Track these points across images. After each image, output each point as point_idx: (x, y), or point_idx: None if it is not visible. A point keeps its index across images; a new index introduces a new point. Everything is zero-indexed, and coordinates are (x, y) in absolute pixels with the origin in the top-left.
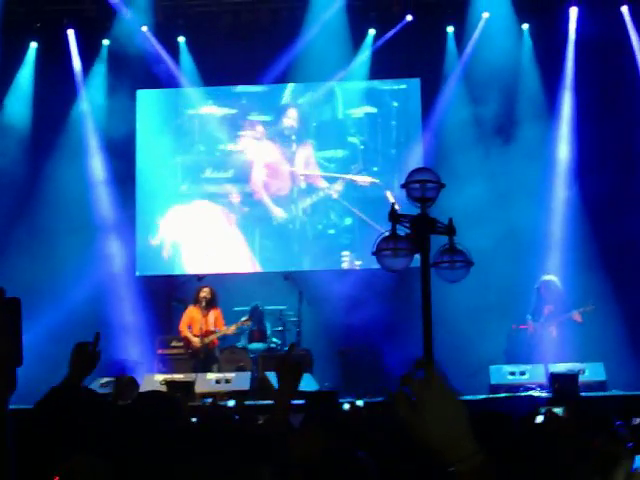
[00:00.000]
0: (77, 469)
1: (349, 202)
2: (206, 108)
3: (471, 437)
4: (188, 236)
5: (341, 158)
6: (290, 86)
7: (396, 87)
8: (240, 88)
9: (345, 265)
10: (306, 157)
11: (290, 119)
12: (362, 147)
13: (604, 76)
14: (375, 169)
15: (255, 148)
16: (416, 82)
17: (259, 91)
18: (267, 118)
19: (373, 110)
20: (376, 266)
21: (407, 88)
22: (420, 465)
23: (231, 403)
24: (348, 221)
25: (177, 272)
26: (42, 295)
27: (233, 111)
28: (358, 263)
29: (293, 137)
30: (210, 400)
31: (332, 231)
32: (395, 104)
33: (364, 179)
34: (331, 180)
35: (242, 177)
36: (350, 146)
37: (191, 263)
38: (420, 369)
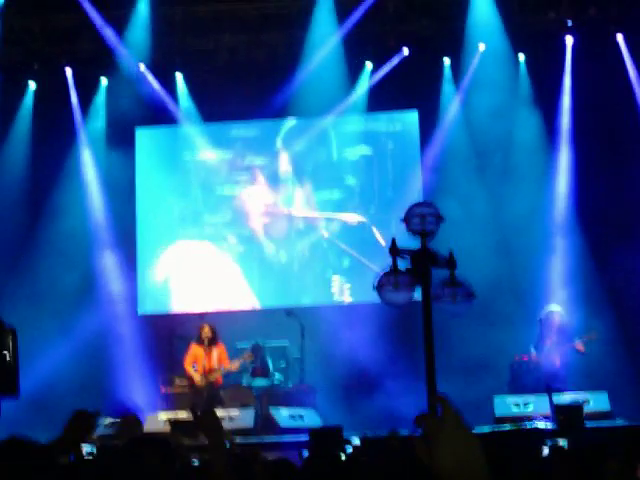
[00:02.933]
0: None
1: (341, 241)
2: (202, 154)
3: (488, 473)
4: (189, 275)
5: (337, 200)
6: (285, 127)
7: (392, 129)
8: (235, 132)
9: (337, 296)
10: (306, 196)
11: (285, 162)
12: (358, 189)
13: (602, 103)
14: (372, 211)
15: (251, 191)
16: (414, 115)
17: (254, 135)
18: (263, 161)
19: (368, 152)
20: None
21: (403, 129)
22: None
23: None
24: (345, 263)
25: (178, 311)
26: (44, 337)
27: (229, 155)
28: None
29: (289, 179)
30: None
31: (330, 273)
32: (391, 146)
33: (351, 218)
34: (327, 220)
35: (239, 220)
36: (346, 188)
37: (192, 301)
38: (437, 406)
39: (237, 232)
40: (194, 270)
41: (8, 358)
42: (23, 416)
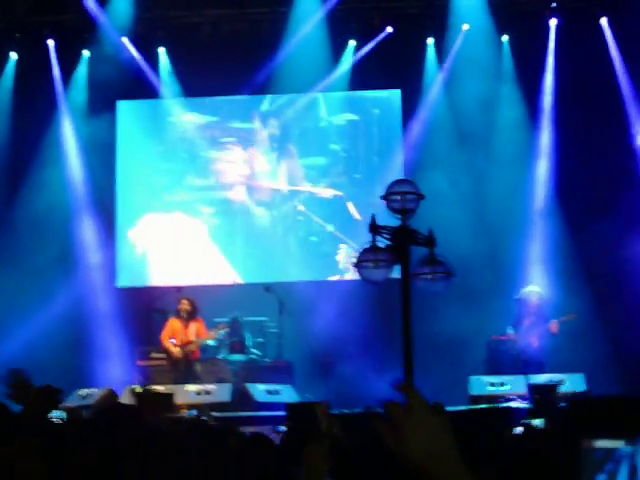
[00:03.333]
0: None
1: (313, 213)
2: (187, 116)
3: (459, 458)
4: (168, 247)
5: (323, 165)
6: (270, 95)
7: (378, 94)
8: (220, 98)
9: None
10: (290, 163)
11: (271, 127)
12: (344, 154)
13: (584, 86)
14: (357, 176)
15: (236, 155)
16: (397, 93)
17: (240, 99)
18: (248, 125)
19: (355, 117)
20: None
21: (388, 96)
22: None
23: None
24: (330, 228)
25: (157, 283)
26: (22, 307)
27: (214, 119)
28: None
29: (274, 144)
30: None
31: (314, 238)
32: (376, 111)
33: (326, 192)
34: (295, 192)
35: (224, 184)
36: (332, 153)
37: (171, 274)
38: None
39: (221, 196)
40: (173, 243)
41: None
42: None
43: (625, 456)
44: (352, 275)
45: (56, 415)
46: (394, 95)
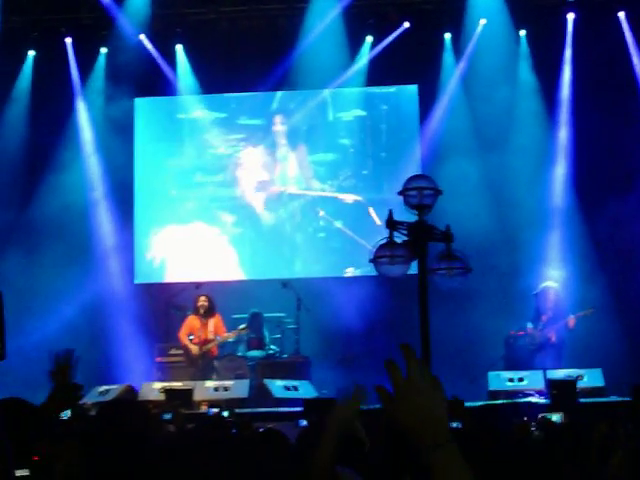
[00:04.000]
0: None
1: (333, 218)
2: (197, 112)
3: (448, 425)
4: (186, 244)
5: (331, 161)
6: (287, 92)
7: (385, 90)
8: (237, 94)
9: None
10: (299, 160)
11: (280, 123)
12: (352, 150)
13: (602, 81)
14: (365, 172)
15: (245, 152)
16: (413, 88)
17: (250, 95)
18: (257, 122)
19: (363, 113)
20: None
21: (397, 91)
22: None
23: (225, 414)
24: (338, 224)
25: (175, 280)
26: (40, 304)
27: (222, 115)
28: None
29: (283, 141)
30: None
31: (322, 234)
32: (384, 107)
33: (346, 197)
34: (323, 198)
35: (232, 181)
36: (340, 149)
37: (189, 271)
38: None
39: (230, 194)
40: (191, 240)
41: None
42: (16, 377)
43: None
44: (369, 271)
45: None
46: (403, 88)
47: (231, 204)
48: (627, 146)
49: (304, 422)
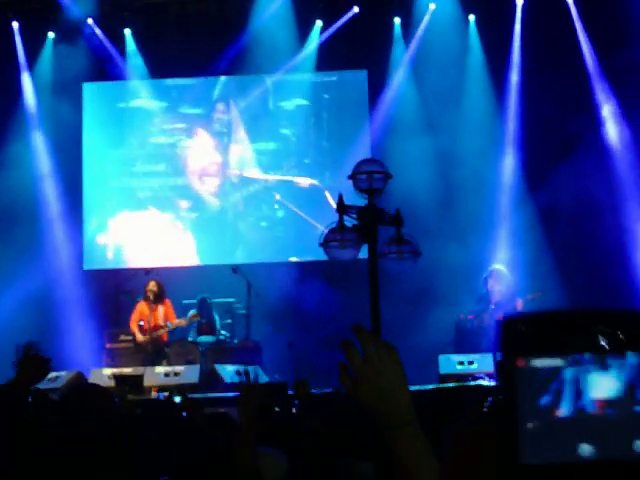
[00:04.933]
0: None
1: (284, 198)
2: (139, 101)
3: (410, 405)
4: (134, 230)
5: (273, 150)
6: (222, 79)
7: (327, 79)
8: (171, 81)
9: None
10: (240, 151)
11: (221, 112)
12: (294, 139)
13: (550, 63)
14: (306, 161)
15: (188, 141)
16: (363, 74)
17: (191, 84)
18: (199, 111)
19: (304, 102)
20: (312, 258)
21: (344, 77)
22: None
23: (177, 399)
24: (280, 214)
25: (124, 266)
26: None
27: (164, 104)
28: (294, 259)
29: (225, 129)
30: (165, 394)
31: (264, 224)
32: (326, 96)
33: (303, 180)
34: (273, 182)
35: (176, 170)
36: (282, 138)
37: (138, 257)
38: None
39: (173, 183)
40: (141, 226)
41: None
42: None
43: (569, 376)
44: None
45: None
46: (361, 76)
47: (179, 192)
48: (576, 125)
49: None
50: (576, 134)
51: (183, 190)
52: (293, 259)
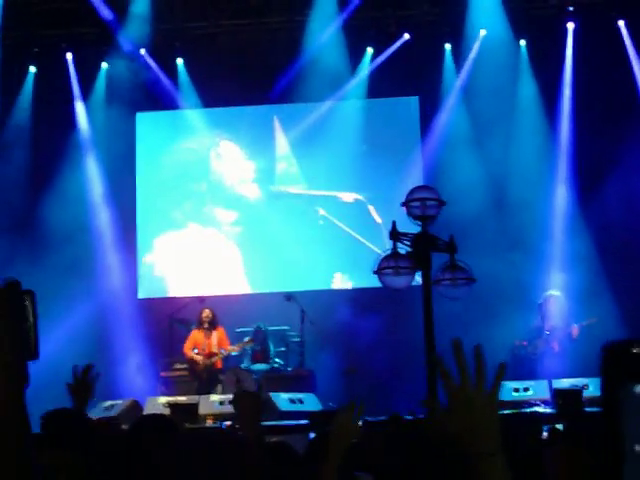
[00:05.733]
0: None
1: (334, 217)
2: (204, 130)
3: (499, 435)
4: (189, 259)
5: (330, 172)
6: (274, 107)
7: (378, 105)
8: (232, 110)
9: (336, 285)
10: (285, 167)
11: (289, 135)
12: (361, 160)
13: (602, 90)
14: (375, 182)
15: (240, 170)
16: (414, 100)
17: (259, 109)
18: (266, 134)
19: (354, 125)
20: (368, 285)
21: (390, 106)
22: None
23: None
24: (343, 244)
25: (178, 294)
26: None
27: (231, 129)
28: (349, 284)
29: (293, 151)
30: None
31: (320, 250)
32: (377, 121)
33: (347, 196)
34: (316, 197)
35: (234, 201)
36: (340, 157)
37: (192, 285)
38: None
39: (233, 213)
40: (193, 254)
41: (30, 319)
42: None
43: None
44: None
45: None
46: (412, 102)
47: (235, 218)
48: (628, 158)
49: (312, 435)
50: (628, 162)
51: (238, 216)
52: (347, 285)
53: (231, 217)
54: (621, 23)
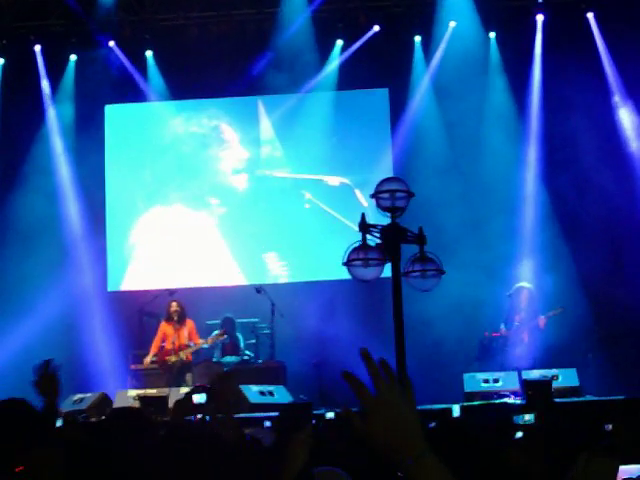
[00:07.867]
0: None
1: (319, 201)
2: (175, 121)
3: (422, 436)
4: (158, 252)
5: (311, 158)
6: (259, 97)
7: (348, 97)
8: (208, 100)
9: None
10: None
11: (261, 128)
12: (334, 151)
13: (571, 81)
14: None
15: (225, 159)
16: (384, 92)
17: (227, 102)
18: (237, 128)
19: (332, 116)
20: (345, 277)
21: (359, 97)
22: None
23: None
24: (318, 227)
25: (148, 287)
26: (11, 312)
27: (202, 123)
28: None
29: (262, 142)
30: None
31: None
32: (354, 110)
33: (333, 179)
34: (301, 181)
35: (214, 187)
36: (320, 148)
37: (161, 278)
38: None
39: (210, 199)
40: (163, 246)
41: None
42: None
43: None
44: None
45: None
46: (382, 93)
47: (208, 211)
48: (597, 139)
49: (268, 423)
50: (597, 151)
51: (213, 191)
52: (319, 278)
53: (210, 205)
54: (590, 15)
